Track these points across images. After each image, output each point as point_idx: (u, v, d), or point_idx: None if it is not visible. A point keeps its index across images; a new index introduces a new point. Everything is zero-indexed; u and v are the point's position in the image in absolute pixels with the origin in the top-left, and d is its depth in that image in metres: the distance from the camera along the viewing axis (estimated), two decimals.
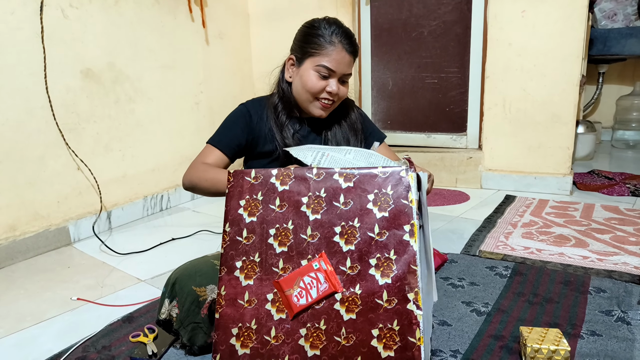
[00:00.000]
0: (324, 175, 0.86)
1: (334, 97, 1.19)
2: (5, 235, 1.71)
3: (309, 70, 1.17)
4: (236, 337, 0.80)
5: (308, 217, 0.85)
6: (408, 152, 2.58)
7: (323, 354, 0.76)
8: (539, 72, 2.24)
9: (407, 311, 0.75)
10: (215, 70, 2.60)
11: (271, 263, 0.84)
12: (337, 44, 1.15)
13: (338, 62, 1.16)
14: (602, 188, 2.32)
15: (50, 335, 1.23)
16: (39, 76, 1.77)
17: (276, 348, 0.78)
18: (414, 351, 0.72)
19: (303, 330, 0.78)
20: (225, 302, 0.83)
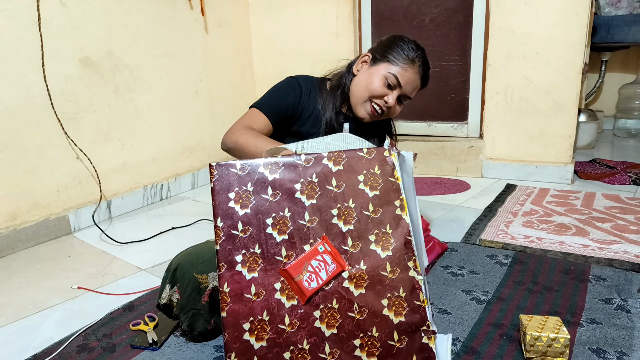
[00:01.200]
0: (313, 161, 0.87)
1: (386, 109, 1.22)
2: (6, 225, 1.71)
3: (380, 73, 1.20)
4: (249, 332, 0.78)
5: (304, 203, 0.85)
6: (409, 140, 2.57)
7: (340, 331, 0.78)
8: (541, 60, 2.22)
9: (409, 278, 0.81)
10: (215, 59, 2.58)
11: (273, 252, 0.83)
12: (416, 66, 1.21)
13: (408, 80, 1.21)
14: (603, 177, 2.31)
15: (51, 324, 1.24)
16: (37, 65, 1.76)
17: (293, 335, 0.78)
18: (420, 312, 0.78)
19: (317, 312, 0.79)
20: (230, 299, 0.80)
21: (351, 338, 0.77)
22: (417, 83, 1.23)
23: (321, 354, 0.76)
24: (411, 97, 1.25)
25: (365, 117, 1.24)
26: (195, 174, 2.48)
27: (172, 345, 1.10)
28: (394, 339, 0.76)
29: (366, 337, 0.76)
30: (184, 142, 2.42)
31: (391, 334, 0.76)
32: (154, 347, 1.09)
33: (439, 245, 1.49)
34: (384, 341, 0.76)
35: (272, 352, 0.77)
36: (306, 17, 2.65)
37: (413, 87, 1.23)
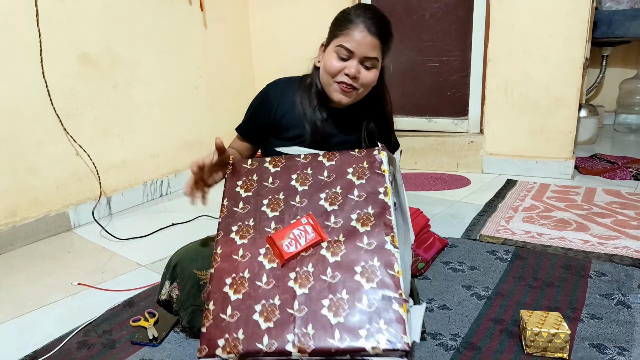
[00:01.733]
0: (310, 158, 1.01)
1: (355, 82, 1.12)
2: (5, 221, 1.71)
3: (331, 52, 1.13)
4: (229, 285, 0.87)
5: (297, 188, 0.97)
6: (409, 136, 2.57)
7: (311, 291, 0.82)
8: (541, 55, 2.21)
9: (385, 250, 0.84)
10: (214, 54, 2.56)
11: (264, 225, 0.94)
12: (359, 24, 1.09)
13: (358, 42, 1.09)
14: (604, 172, 2.30)
15: (51, 320, 1.24)
16: (35, 61, 1.75)
17: (267, 291, 0.84)
18: (394, 281, 0.80)
19: (292, 274, 0.85)
20: (220, 258, 0.91)
21: (321, 298, 0.81)
22: (369, 39, 1.09)
23: (289, 309, 0.81)
24: (375, 56, 1.11)
25: (342, 99, 1.14)
26: None
27: (172, 342, 1.10)
28: (362, 303, 0.79)
29: (335, 298, 0.81)
30: (183, 138, 2.42)
31: (360, 298, 0.80)
32: (154, 343, 1.09)
33: (439, 241, 1.49)
34: (352, 303, 0.79)
35: (245, 303, 0.83)
36: (306, 11, 2.64)
37: (368, 46, 1.09)
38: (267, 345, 0.77)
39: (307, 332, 0.78)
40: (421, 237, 1.43)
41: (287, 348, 0.76)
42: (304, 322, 0.79)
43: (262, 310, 0.82)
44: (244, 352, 0.77)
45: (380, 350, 0.74)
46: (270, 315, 0.81)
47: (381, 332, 0.76)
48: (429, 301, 1.22)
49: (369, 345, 0.75)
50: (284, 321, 0.80)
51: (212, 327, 0.82)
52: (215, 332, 0.81)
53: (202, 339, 0.81)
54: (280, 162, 1.01)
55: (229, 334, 0.80)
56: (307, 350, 0.76)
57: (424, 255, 1.38)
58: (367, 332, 0.76)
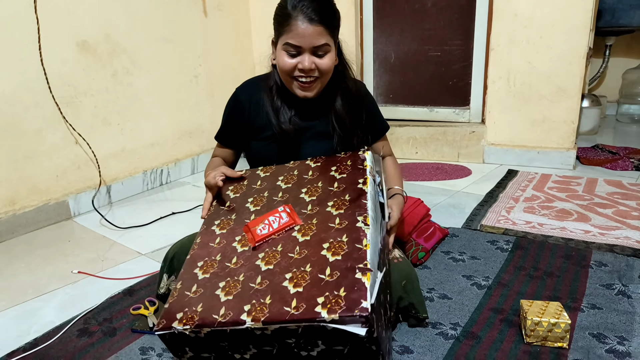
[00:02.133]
0: (299, 163, 1.06)
1: (312, 74, 1.07)
2: (5, 209, 1.70)
3: (280, 51, 1.07)
4: (199, 267, 0.89)
5: (281, 186, 1.01)
6: (409, 126, 2.55)
7: (275, 267, 0.82)
8: (545, 44, 2.19)
9: (355, 228, 0.85)
10: (214, 42, 2.54)
11: (244, 218, 0.97)
12: (298, 15, 1.02)
13: (301, 35, 1.02)
14: (605, 163, 2.29)
15: (52, 308, 1.24)
16: (34, 48, 1.73)
17: (234, 270, 0.85)
18: (360, 254, 0.79)
19: (261, 254, 0.87)
20: (197, 246, 0.94)
21: (284, 272, 0.81)
22: (311, 29, 1.02)
23: (251, 284, 0.81)
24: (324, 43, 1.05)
25: (304, 94, 1.10)
26: (195, 159, 2.47)
27: None
28: (324, 274, 0.78)
29: (298, 271, 0.80)
30: (183, 126, 2.40)
31: (323, 270, 0.79)
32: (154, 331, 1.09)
33: (440, 231, 1.49)
34: (314, 275, 0.78)
35: (210, 281, 0.84)
36: None
37: (313, 36, 1.03)
38: (222, 315, 0.76)
39: (264, 302, 0.77)
40: (422, 227, 1.42)
41: (241, 317, 0.75)
42: (262, 294, 0.78)
43: (225, 285, 0.82)
44: (200, 322, 0.77)
45: (337, 317, 0.70)
46: (232, 289, 0.81)
47: (340, 299, 0.73)
48: (430, 290, 1.22)
49: (325, 311, 0.71)
50: (244, 294, 0.79)
51: (175, 303, 0.82)
52: (176, 307, 0.81)
53: (163, 314, 0.81)
54: (270, 169, 1.08)
55: (188, 308, 0.80)
56: (261, 318, 0.74)
57: (424, 244, 1.38)
58: (325, 299, 0.74)
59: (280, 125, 1.14)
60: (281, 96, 1.15)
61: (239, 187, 1.06)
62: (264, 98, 1.16)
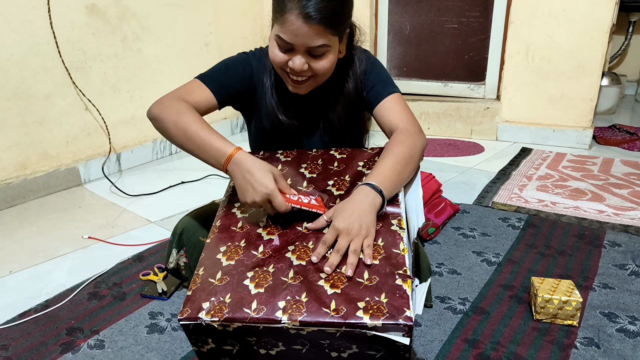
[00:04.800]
0: (322, 152, 1.01)
1: (304, 74, 0.92)
2: (17, 174, 1.71)
3: (272, 40, 0.92)
4: (223, 253, 0.83)
5: (305, 175, 0.96)
6: (423, 100, 2.50)
7: (309, 264, 0.78)
8: (567, 18, 2.11)
9: (390, 231, 0.82)
10: (225, 10, 2.48)
11: None
12: (293, 9, 0.85)
13: (294, 33, 0.86)
14: (622, 143, 2.24)
15: (63, 271, 1.25)
16: (43, 10, 1.70)
17: (261, 260, 0.81)
18: (398, 259, 0.77)
19: (291, 247, 0.82)
20: (218, 230, 0.88)
21: (318, 271, 0.77)
22: (305, 29, 0.85)
23: (283, 277, 0.77)
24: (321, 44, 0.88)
25: (298, 91, 0.97)
26: None
27: (181, 296, 1.11)
28: (363, 277, 0.75)
29: (334, 272, 0.76)
30: None
31: (361, 273, 0.76)
32: (163, 297, 1.10)
33: (451, 207, 1.47)
34: (351, 277, 0.75)
35: (237, 269, 0.79)
36: None
37: (306, 35, 0.86)
38: (254, 310, 0.71)
39: (300, 300, 0.72)
40: (432, 202, 1.41)
41: (276, 315, 0.70)
42: (297, 290, 0.73)
43: (254, 276, 0.77)
44: (230, 316, 0.71)
45: (380, 324, 0.68)
46: (262, 281, 0.76)
47: (382, 305, 0.70)
48: (439, 265, 1.21)
49: (367, 317, 0.68)
50: (275, 288, 0.74)
51: (199, 290, 0.77)
52: (201, 294, 0.76)
53: (187, 301, 0.75)
54: (291, 154, 1.02)
55: (215, 297, 0.75)
56: (298, 317, 0.70)
57: (434, 220, 1.37)
58: (366, 304, 0.70)
59: (279, 117, 1.03)
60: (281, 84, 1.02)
61: None
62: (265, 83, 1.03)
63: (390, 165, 0.88)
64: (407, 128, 0.96)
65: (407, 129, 0.96)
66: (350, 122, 1.06)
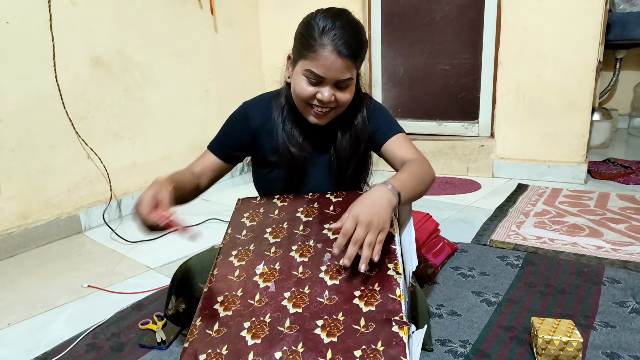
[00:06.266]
0: (318, 196, 1.04)
1: (329, 105, 1.01)
2: (18, 223, 1.73)
3: (299, 75, 1.00)
4: (220, 303, 0.85)
5: (301, 219, 0.98)
6: (418, 140, 2.55)
7: (305, 311, 0.79)
8: (554, 58, 2.19)
9: (387, 276, 0.82)
10: (225, 58, 2.58)
11: (264, 249, 0.94)
12: (326, 46, 0.95)
13: (327, 67, 0.96)
14: (617, 177, 2.27)
15: (61, 322, 1.25)
16: (49, 64, 1.77)
17: (258, 309, 0.81)
18: (394, 305, 0.77)
19: (287, 293, 0.83)
20: (216, 279, 0.90)
21: (314, 319, 0.77)
22: (339, 63, 0.95)
23: (280, 327, 0.77)
24: (349, 77, 0.99)
25: (316, 122, 1.04)
26: None
27: (180, 345, 1.10)
28: (359, 325, 0.75)
29: (330, 319, 0.77)
30: (194, 141, 2.43)
31: (357, 320, 0.76)
32: (162, 347, 1.09)
33: (449, 246, 1.48)
34: (348, 325, 0.75)
35: (233, 320, 0.80)
36: None
37: (338, 69, 0.96)
38: None
39: (296, 350, 0.72)
40: (430, 242, 1.41)
41: None
42: (294, 340, 0.74)
43: (251, 326, 0.78)
44: None
45: None
46: (259, 332, 0.77)
47: (378, 354, 0.70)
48: (438, 307, 1.21)
49: None
50: (272, 338, 0.75)
51: (196, 342, 0.78)
52: (198, 346, 0.77)
53: (184, 353, 0.76)
54: (288, 199, 1.05)
55: (212, 349, 0.75)
56: None
57: (433, 260, 1.37)
58: (362, 352, 0.70)
59: (290, 149, 1.07)
60: (292, 119, 1.09)
61: (255, 215, 1.03)
62: (275, 119, 1.10)
63: (408, 176, 0.95)
64: (420, 159, 1.05)
65: (421, 159, 1.05)
66: (356, 155, 1.12)
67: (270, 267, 0.89)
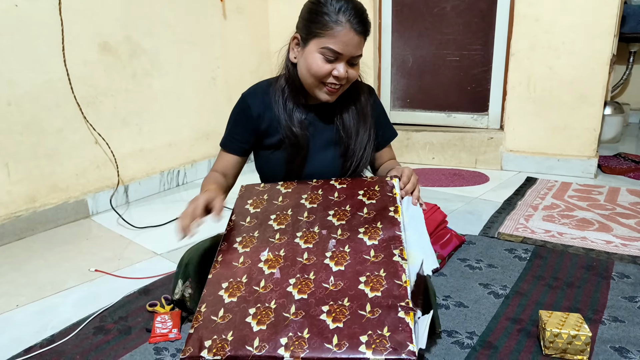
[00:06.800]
0: (322, 182, 1.05)
1: (342, 81, 1.06)
2: (26, 207, 1.74)
3: (314, 53, 1.04)
4: (225, 289, 0.85)
5: (305, 205, 0.99)
6: (427, 131, 2.53)
7: (310, 297, 0.79)
8: (567, 50, 2.15)
9: (392, 262, 0.83)
10: (233, 45, 2.56)
11: (268, 236, 0.94)
12: (344, 23, 1.01)
13: (345, 44, 1.02)
14: (628, 172, 2.24)
15: (69, 305, 1.26)
16: (57, 49, 1.76)
17: (263, 295, 0.82)
18: (400, 290, 0.78)
19: (292, 280, 0.83)
20: (220, 265, 0.91)
21: (320, 304, 0.77)
22: (356, 39, 1.03)
23: (285, 313, 0.77)
24: (361, 53, 1.07)
25: (328, 99, 1.09)
26: (212, 161, 2.49)
27: (186, 330, 1.10)
28: (365, 310, 0.75)
29: (336, 305, 0.77)
30: (201, 128, 2.42)
31: (363, 306, 0.76)
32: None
33: (457, 238, 1.47)
34: (353, 310, 0.76)
35: (239, 306, 0.81)
36: None
37: (355, 45, 1.03)
38: (257, 347, 0.72)
39: (302, 336, 0.73)
40: (438, 233, 1.41)
41: (278, 352, 0.71)
42: (299, 326, 0.74)
43: (256, 312, 0.78)
44: (232, 354, 0.72)
45: (383, 358, 0.69)
46: (264, 318, 0.77)
47: (384, 339, 0.70)
48: (445, 298, 1.20)
49: (370, 352, 0.69)
50: (277, 324, 0.75)
51: (201, 328, 0.78)
52: (203, 332, 0.77)
53: (189, 339, 0.77)
54: (292, 185, 1.06)
55: (217, 335, 0.76)
56: (301, 354, 0.70)
57: (440, 251, 1.36)
58: (368, 337, 0.71)
59: (292, 129, 1.11)
60: (293, 100, 1.14)
61: (259, 202, 1.03)
62: (275, 102, 1.14)
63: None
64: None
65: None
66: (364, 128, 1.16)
67: (275, 253, 0.90)
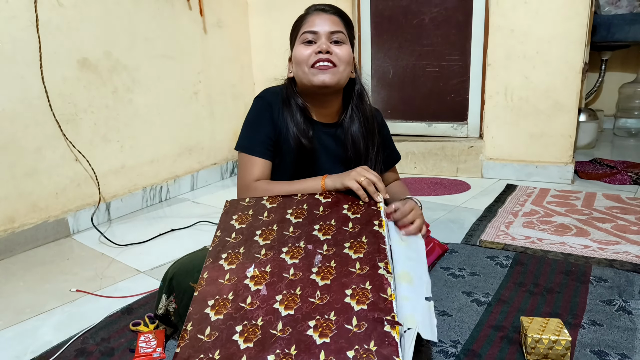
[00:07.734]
0: (307, 196, 1.05)
1: (330, 57, 1.10)
2: (4, 227, 1.70)
3: (298, 46, 1.15)
4: (211, 307, 0.84)
5: (291, 220, 0.99)
6: (408, 141, 2.57)
7: (297, 313, 0.79)
8: (541, 59, 2.22)
9: (378, 275, 0.84)
10: (214, 59, 2.57)
11: (254, 252, 0.94)
12: (312, 11, 1.16)
13: (317, 23, 1.13)
14: (603, 177, 2.30)
15: (50, 327, 1.23)
16: (35, 66, 1.75)
17: (250, 312, 0.81)
18: (386, 304, 0.78)
19: (279, 297, 0.83)
20: (205, 282, 0.90)
21: (306, 319, 0.77)
22: (326, 16, 1.13)
23: (272, 330, 0.77)
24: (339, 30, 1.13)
25: (325, 79, 1.11)
26: (195, 176, 2.48)
27: (171, 349, 1.09)
28: (351, 324, 0.75)
29: (322, 319, 0.77)
30: (183, 143, 2.41)
31: (349, 319, 0.76)
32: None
33: (439, 247, 1.48)
34: (340, 324, 0.75)
35: (225, 324, 0.80)
36: None
37: (328, 22, 1.12)
38: None
39: (289, 353, 0.72)
40: None
41: None
42: (286, 343, 0.74)
43: (243, 330, 0.78)
44: None
45: None
46: (251, 335, 0.76)
47: (371, 354, 0.70)
48: None
49: None
50: (264, 341, 0.75)
51: (187, 347, 0.77)
52: (190, 351, 0.76)
53: (175, 358, 0.76)
54: (277, 200, 1.06)
55: (204, 354, 0.75)
56: None
57: None
58: (355, 352, 0.71)
59: (300, 138, 1.15)
60: (300, 112, 1.17)
61: (244, 217, 1.03)
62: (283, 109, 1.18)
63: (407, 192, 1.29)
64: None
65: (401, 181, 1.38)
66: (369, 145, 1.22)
67: (261, 269, 0.89)
